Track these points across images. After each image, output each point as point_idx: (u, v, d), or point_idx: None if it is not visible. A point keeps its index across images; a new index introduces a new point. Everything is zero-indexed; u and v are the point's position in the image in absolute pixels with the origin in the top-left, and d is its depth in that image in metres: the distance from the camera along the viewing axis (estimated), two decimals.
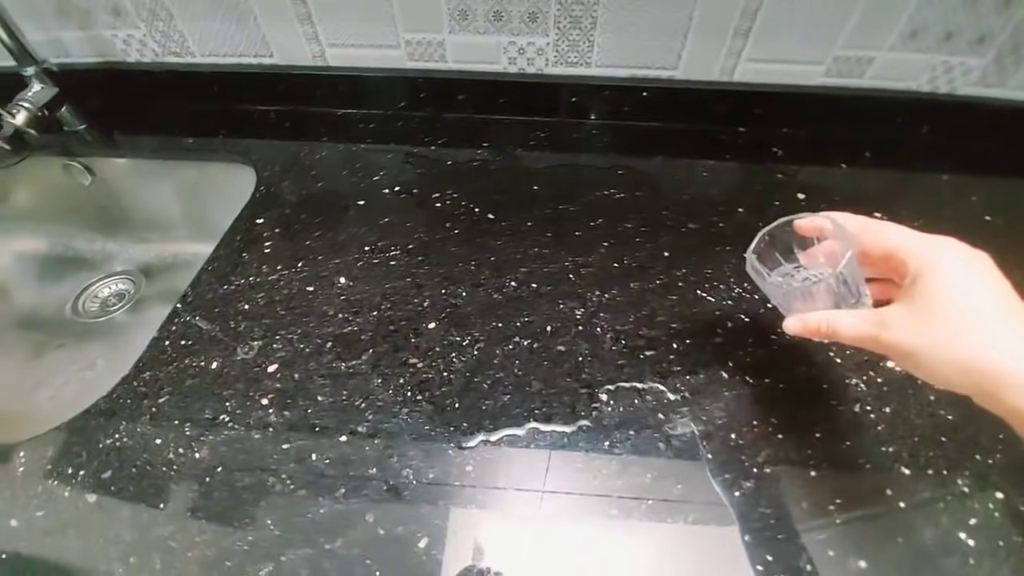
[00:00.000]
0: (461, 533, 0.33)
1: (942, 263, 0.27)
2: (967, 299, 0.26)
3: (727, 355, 0.42)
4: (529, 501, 0.35)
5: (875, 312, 0.29)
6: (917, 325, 0.27)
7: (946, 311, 0.26)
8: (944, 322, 0.26)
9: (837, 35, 0.57)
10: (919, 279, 0.27)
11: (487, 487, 0.35)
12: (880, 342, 0.28)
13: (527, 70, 0.64)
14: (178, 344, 0.43)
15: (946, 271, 0.27)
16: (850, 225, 0.31)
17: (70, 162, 0.65)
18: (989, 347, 0.25)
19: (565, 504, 0.34)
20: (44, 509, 0.35)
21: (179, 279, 0.71)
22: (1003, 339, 0.25)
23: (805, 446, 0.37)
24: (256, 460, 0.36)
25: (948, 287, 0.26)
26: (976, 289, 0.26)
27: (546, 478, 0.35)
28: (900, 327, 0.27)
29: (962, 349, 0.25)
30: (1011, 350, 0.24)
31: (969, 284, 0.26)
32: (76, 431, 0.38)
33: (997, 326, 0.25)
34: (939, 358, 0.26)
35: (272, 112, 0.67)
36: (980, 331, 0.25)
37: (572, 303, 0.46)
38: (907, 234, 0.29)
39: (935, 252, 0.28)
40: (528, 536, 0.33)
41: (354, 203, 0.56)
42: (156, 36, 0.63)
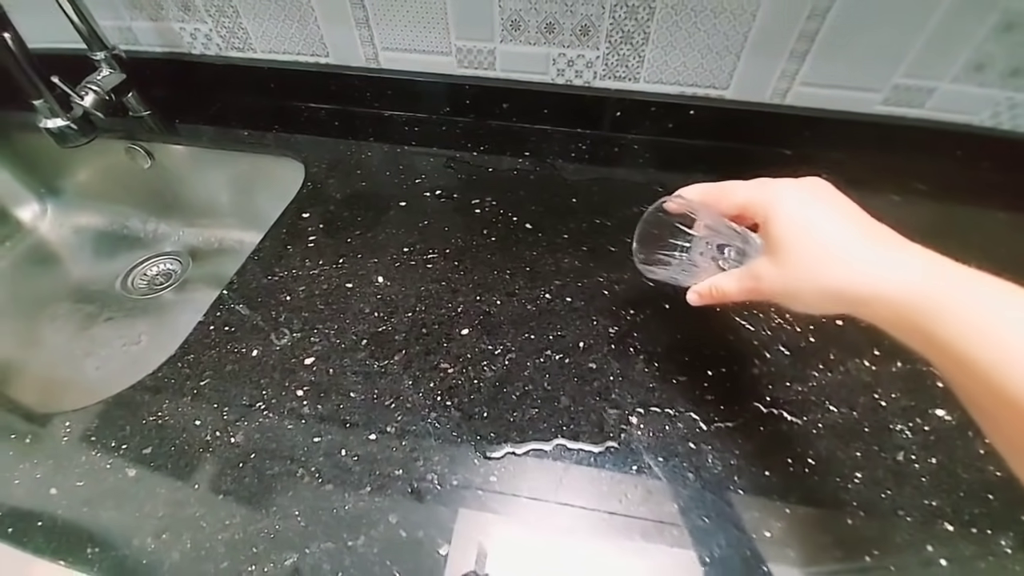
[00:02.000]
0: (476, 539, 0.33)
1: (781, 206, 0.29)
2: (809, 232, 0.28)
3: (763, 388, 0.41)
4: (550, 516, 0.34)
5: (748, 267, 0.31)
6: (780, 269, 0.29)
7: (794, 249, 0.28)
8: (795, 259, 0.28)
9: (899, 63, 0.55)
10: (768, 227, 0.29)
11: (510, 498, 0.35)
12: (760, 292, 0.30)
13: (574, 82, 0.64)
14: (222, 329, 0.45)
15: (786, 212, 0.29)
16: (699, 194, 0.33)
17: (132, 145, 0.68)
18: (839, 271, 0.26)
19: (587, 523, 0.34)
20: (85, 479, 0.36)
21: (223, 264, 0.74)
22: (848, 259, 0.26)
23: (842, 491, 0.35)
24: (287, 450, 0.37)
25: (792, 227, 0.28)
26: (814, 219, 0.28)
27: (568, 496, 0.35)
28: (769, 275, 0.29)
29: (822, 281, 0.27)
30: (858, 268, 0.26)
31: (807, 217, 0.28)
32: (122, 405, 0.40)
33: (840, 249, 0.27)
34: (808, 293, 0.28)
35: (323, 110, 0.69)
36: (827, 259, 0.27)
37: (605, 320, 0.45)
38: (747, 188, 0.32)
39: (770, 197, 0.30)
40: (543, 550, 0.33)
41: (395, 204, 0.57)
42: (222, 32, 0.65)
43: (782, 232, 0.29)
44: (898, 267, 0.26)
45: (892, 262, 0.26)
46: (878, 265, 0.26)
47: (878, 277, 0.26)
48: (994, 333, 0.22)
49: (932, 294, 0.24)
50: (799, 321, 0.45)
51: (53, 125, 0.55)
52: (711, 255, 0.34)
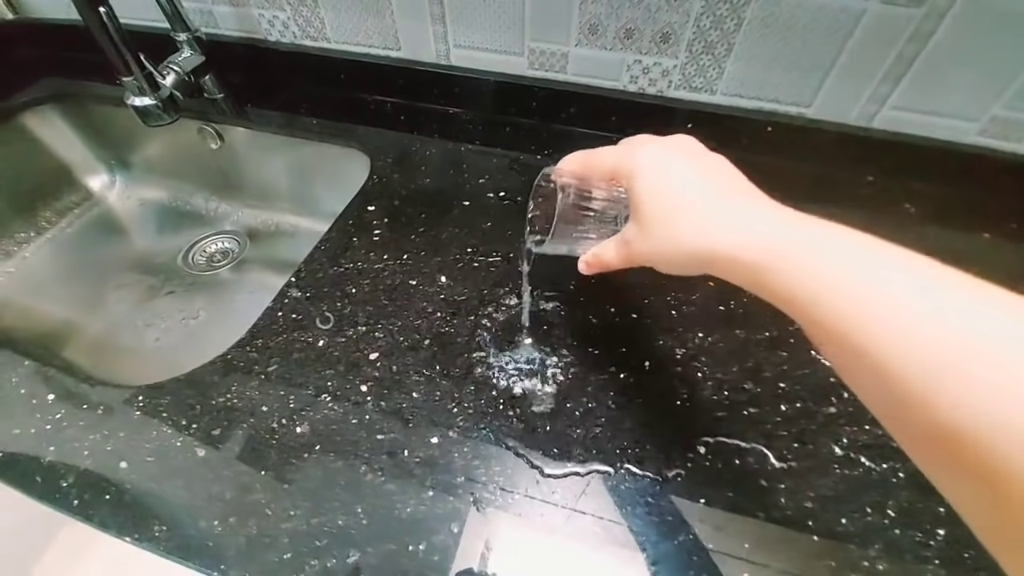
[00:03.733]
0: (522, 554, 0.32)
1: (638, 167, 0.29)
2: (665, 193, 0.27)
3: (839, 429, 0.39)
4: (609, 539, 0.33)
5: (621, 234, 0.31)
6: (644, 232, 0.28)
7: (653, 211, 0.28)
8: (658, 221, 0.27)
9: (1000, 93, 0.52)
10: (631, 191, 0.29)
11: (569, 517, 0.34)
12: (632, 259, 0.30)
13: (647, 90, 0.62)
14: (289, 317, 0.45)
15: (643, 173, 0.28)
16: (577, 163, 0.33)
17: (205, 126, 0.70)
18: (695, 229, 0.26)
19: (659, 553, 0.33)
20: (154, 455, 0.37)
21: (280, 247, 0.76)
22: (704, 215, 0.26)
23: (923, 547, 0.33)
24: (350, 445, 0.37)
25: (648, 188, 0.28)
26: (671, 180, 0.28)
27: (632, 522, 0.34)
28: (636, 239, 0.29)
29: (679, 240, 0.27)
30: (712, 223, 0.26)
31: (665, 178, 0.28)
32: (192, 384, 0.41)
33: (697, 206, 0.26)
34: (671, 254, 0.28)
35: (389, 103, 0.70)
36: (682, 219, 0.27)
37: (671, 341, 0.44)
38: (613, 152, 0.31)
39: (632, 160, 0.29)
40: (600, 572, 0.32)
41: (459, 203, 0.57)
42: (299, 20, 0.66)
43: (642, 193, 0.28)
44: (748, 221, 0.25)
45: (743, 217, 0.25)
46: (729, 220, 0.25)
47: (728, 230, 0.25)
48: (831, 279, 0.21)
49: (776, 244, 0.23)
50: None
51: (140, 103, 0.56)
52: (602, 223, 0.33)
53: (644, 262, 0.30)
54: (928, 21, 0.48)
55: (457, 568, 0.32)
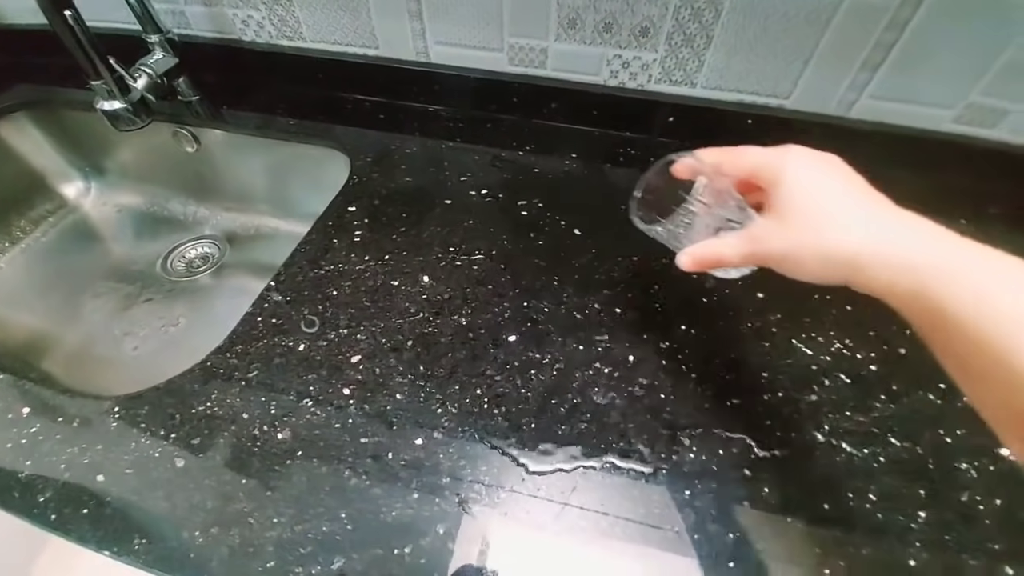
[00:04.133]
0: (512, 548, 0.32)
1: (788, 170, 0.29)
2: (815, 197, 0.28)
3: (822, 416, 0.39)
4: (598, 535, 0.33)
5: (747, 230, 0.31)
6: (780, 231, 0.29)
7: (799, 212, 0.28)
8: (799, 222, 0.28)
9: (976, 80, 0.52)
10: (773, 189, 0.29)
11: (557, 513, 0.34)
12: (757, 256, 0.30)
13: (627, 84, 0.62)
14: (269, 322, 0.45)
15: (792, 176, 0.29)
16: (711, 157, 0.33)
17: (180, 129, 0.68)
18: (841, 235, 0.26)
19: (641, 551, 0.33)
20: (133, 467, 0.36)
21: (260, 250, 0.75)
22: (852, 225, 0.26)
23: (905, 531, 0.34)
24: (334, 449, 0.37)
25: (797, 190, 0.28)
26: (822, 186, 0.28)
27: (618, 514, 0.34)
28: (767, 237, 0.29)
29: (819, 243, 0.27)
30: (860, 233, 0.26)
31: (816, 183, 0.28)
32: (171, 393, 0.40)
33: (844, 215, 0.27)
34: (803, 256, 0.28)
35: (368, 102, 0.69)
36: (831, 223, 0.27)
37: (656, 335, 0.44)
38: (758, 152, 0.31)
39: (781, 161, 0.29)
40: (589, 568, 0.32)
41: (440, 201, 0.56)
42: (274, 19, 0.65)
43: (787, 193, 0.28)
44: (899, 231, 0.25)
45: (894, 227, 0.26)
46: (879, 229, 0.26)
47: (878, 239, 0.25)
48: (993, 298, 0.22)
49: (932, 259, 0.24)
50: (860, 348, 0.43)
51: (110, 107, 0.55)
52: (712, 224, 0.33)
53: (771, 261, 0.29)
54: (905, 8, 0.49)
55: (456, 565, 0.32)
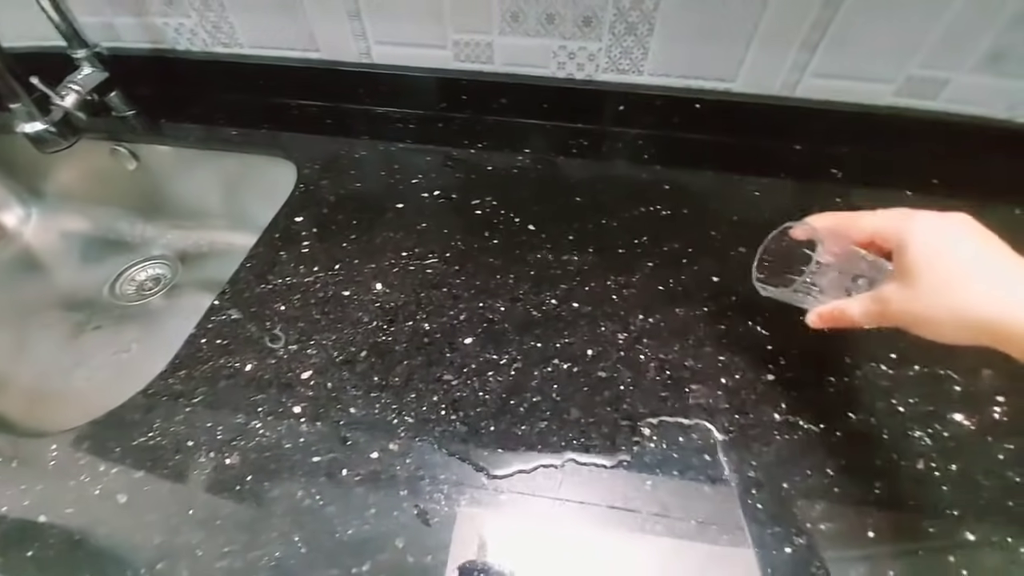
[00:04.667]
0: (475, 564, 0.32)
1: (916, 232, 0.29)
2: (947, 259, 0.27)
3: (779, 395, 0.39)
4: (560, 535, 0.33)
5: (877, 291, 0.31)
6: (911, 293, 0.28)
7: (932, 274, 0.27)
8: (933, 285, 0.27)
9: (913, 53, 0.53)
10: (901, 253, 0.29)
11: (518, 517, 0.34)
12: (886, 317, 0.30)
13: (576, 76, 0.61)
14: (214, 343, 0.43)
15: (921, 239, 0.28)
16: (827, 222, 0.34)
17: (117, 147, 0.65)
18: (980, 298, 0.26)
19: (603, 547, 0.33)
20: (74, 506, 0.34)
21: (214, 267, 0.72)
22: (991, 286, 0.26)
23: (863, 502, 0.34)
24: (286, 471, 0.35)
25: (928, 252, 0.28)
26: (956, 247, 0.28)
27: (580, 514, 0.34)
28: (897, 300, 0.29)
29: (956, 305, 0.26)
30: (1000, 294, 0.26)
31: (948, 244, 0.28)
32: (111, 425, 0.38)
33: (982, 276, 0.27)
34: (938, 319, 0.27)
35: (314, 107, 0.67)
36: (967, 285, 0.26)
37: (614, 326, 0.44)
38: (880, 216, 0.32)
39: (908, 225, 0.29)
40: (555, 572, 0.32)
41: (392, 206, 0.55)
42: (207, 26, 0.63)
43: (915, 255, 0.28)
44: None
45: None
46: (1020, 289, 0.25)
47: (1020, 300, 0.25)
48: None
49: None
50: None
51: (31, 130, 0.52)
52: (842, 284, 0.34)
53: (901, 323, 0.29)
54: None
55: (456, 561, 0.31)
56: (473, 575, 0.31)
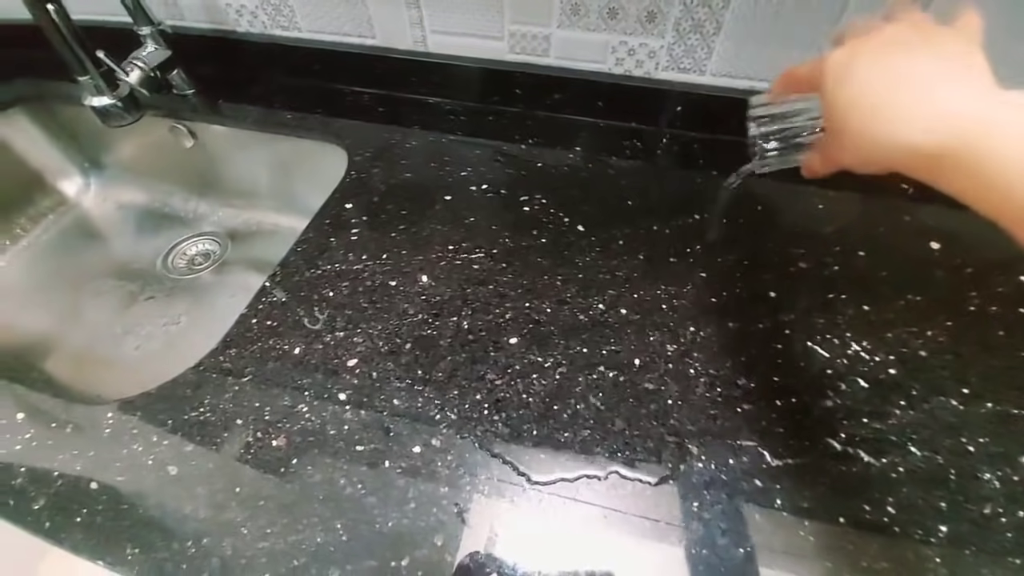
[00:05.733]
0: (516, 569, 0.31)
1: (826, 75, 0.27)
2: (851, 91, 0.26)
3: (837, 423, 0.37)
4: (598, 554, 0.32)
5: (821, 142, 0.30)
6: (836, 139, 0.27)
7: (843, 115, 0.26)
8: (848, 126, 0.26)
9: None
10: (822, 97, 0.27)
11: (557, 528, 0.33)
12: (832, 166, 0.29)
13: (633, 72, 0.60)
14: (264, 324, 0.43)
15: (830, 84, 0.26)
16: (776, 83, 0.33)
17: (176, 124, 0.67)
18: (887, 127, 0.24)
19: (640, 569, 0.32)
20: (126, 474, 0.36)
21: (261, 247, 0.74)
22: (893, 116, 0.24)
23: (924, 545, 0.32)
24: (329, 457, 0.36)
25: (835, 98, 0.26)
26: (857, 79, 0.25)
27: (623, 532, 0.33)
28: (828, 146, 0.29)
29: (873, 146, 0.25)
30: (902, 122, 0.24)
31: (848, 86, 0.26)
32: (164, 398, 0.39)
33: (879, 111, 0.24)
34: (860, 158, 0.26)
35: (367, 94, 0.67)
36: (874, 117, 0.25)
37: (663, 337, 0.42)
38: (808, 64, 0.30)
39: (822, 66, 0.27)
40: None
41: (440, 198, 0.54)
42: (267, 8, 0.63)
43: (827, 98, 0.27)
44: (936, 113, 0.23)
45: (932, 108, 0.23)
46: (916, 115, 0.23)
47: (918, 128, 0.23)
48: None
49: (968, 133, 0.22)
50: (878, 350, 0.41)
51: (98, 103, 0.54)
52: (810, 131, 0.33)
53: (843, 168, 0.28)
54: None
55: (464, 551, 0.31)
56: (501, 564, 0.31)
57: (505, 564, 0.31)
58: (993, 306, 0.45)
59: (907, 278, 0.47)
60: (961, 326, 0.43)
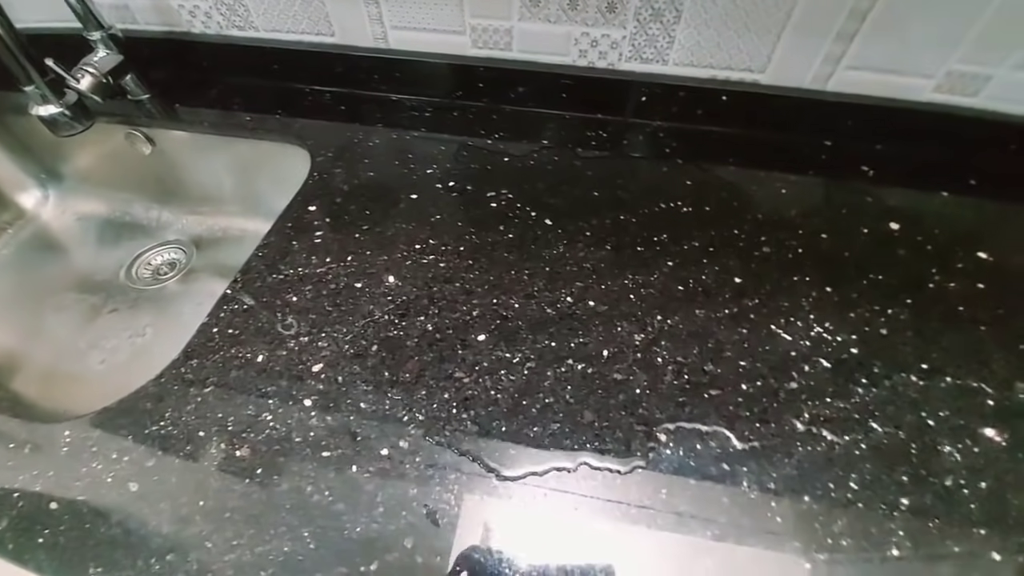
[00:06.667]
0: (484, 567, 0.31)
1: None
2: None
3: (802, 404, 0.38)
4: (570, 542, 0.32)
5: None
6: None
7: None
8: None
9: (955, 47, 0.50)
10: None
11: (528, 521, 0.33)
12: None
13: (597, 64, 0.59)
14: (225, 332, 0.42)
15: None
16: None
17: (132, 131, 0.65)
18: None
19: (612, 556, 0.32)
20: (86, 493, 0.35)
21: (228, 253, 0.72)
22: None
23: (887, 519, 0.33)
24: (296, 465, 0.35)
25: None
26: None
27: (594, 522, 0.33)
28: None
29: None
30: None
31: None
32: (124, 413, 0.38)
33: None
34: None
35: (328, 93, 0.66)
36: None
37: (631, 327, 0.43)
38: None
39: None
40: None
41: (405, 196, 0.54)
42: (222, 9, 0.62)
43: None
44: None
45: None
46: None
47: None
48: None
49: None
50: (840, 331, 0.42)
51: (45, 112, 0.52)
52: None
53: None
54: None
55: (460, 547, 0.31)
56: (474, 562, 0.31)
57: (477, 560, 0.31)
58: (952, 282, 0.46)
59: (868, 259, 0.48)
60: (922, 303, 0.44)
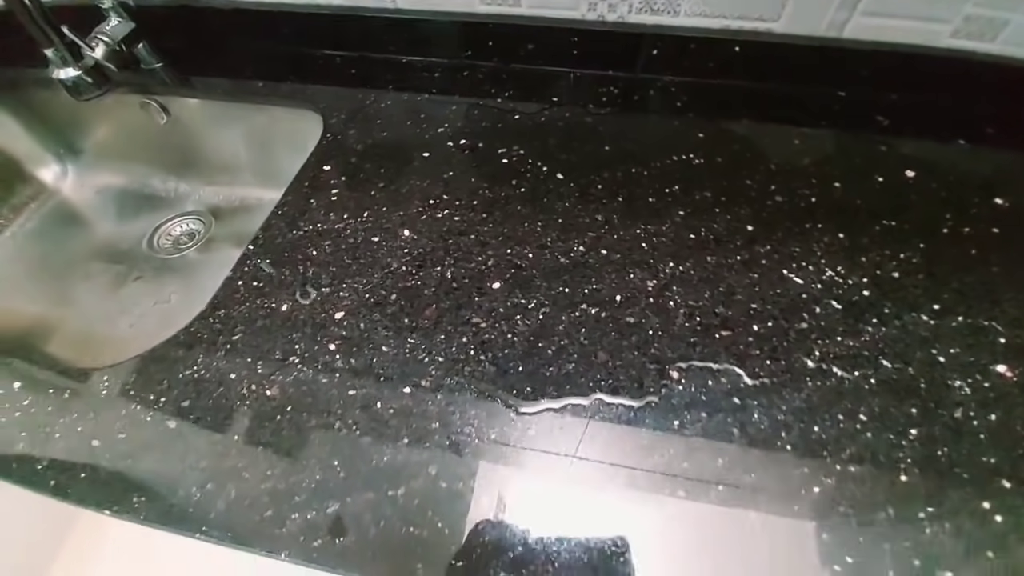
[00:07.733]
0: (507, 492, 0.33)
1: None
2: None
3: (812, 343, 0.39)
4: (587, 472, 0.34)
5: None
6: None
7: None
8: None
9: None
10: None
11: (547, 452, 0.34)
12: None
13: (607, 18, 0.59)
14: (250, 285, 0.44)
15: None
16: None
17: (147, 100, 0.66)
18: None
19: (629, 479, 0.33)
20: (126, 432, 0.37)
21: (246, 223, 0.73)
22: None
23: (896, 448, 0.34)
24: (323, 403, 0.37)
25: None
26: None
27: (608, 452, 0.34)
28: None
29: None
30: None
31: None
32: (157, 360, 0.40)
33: None
34: None
35: (338, 57, 0.66)
36: None
37: (643, 273, 0.43)
38: None
39: None
40: (581, 506, 0.33)
41: (418, 155, 0.54)
42: None
43: None
44: None
45: None
46: None
47: None
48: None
49: None
50: (852, 274, 0.42)
51: (66, 76, 0.53)
52: None
53: None
54: None
55: (473, 520, 0.32)
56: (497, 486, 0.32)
57: (500, 484, 0.33)
58: (967, 227, 0.46)
59: (882, 206, 0.48)
60: (935, 248, 0.44)
